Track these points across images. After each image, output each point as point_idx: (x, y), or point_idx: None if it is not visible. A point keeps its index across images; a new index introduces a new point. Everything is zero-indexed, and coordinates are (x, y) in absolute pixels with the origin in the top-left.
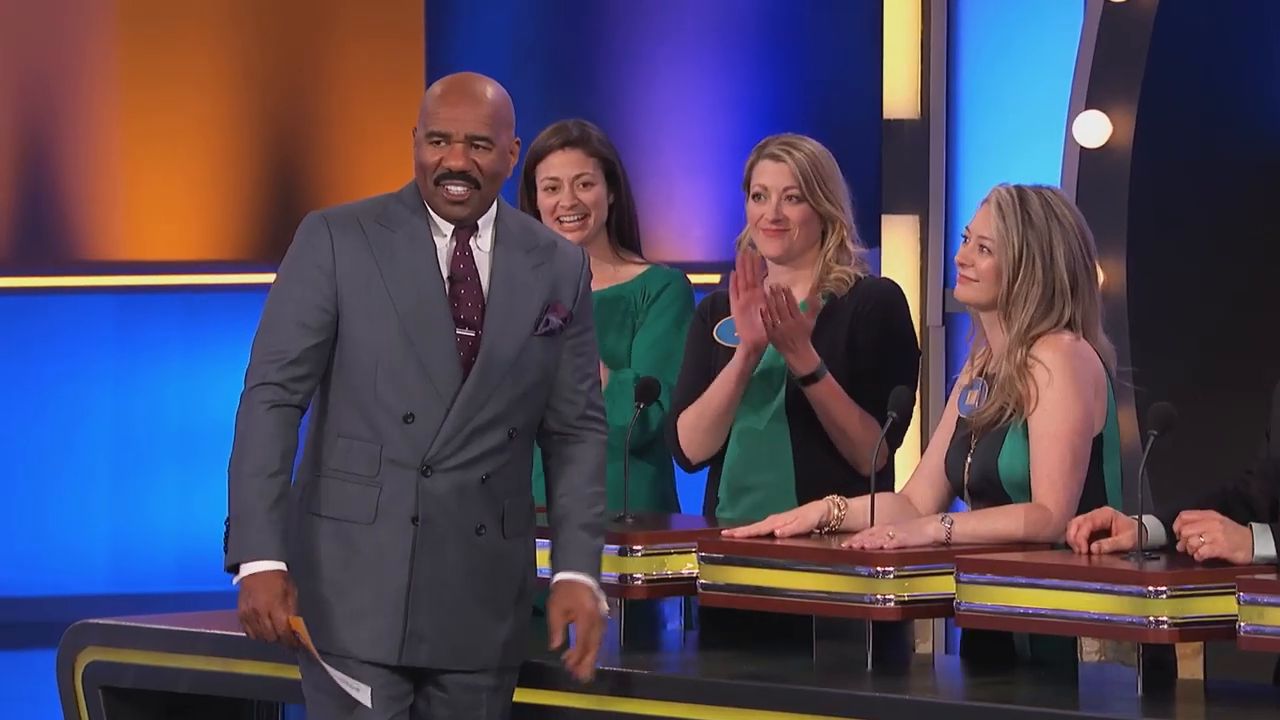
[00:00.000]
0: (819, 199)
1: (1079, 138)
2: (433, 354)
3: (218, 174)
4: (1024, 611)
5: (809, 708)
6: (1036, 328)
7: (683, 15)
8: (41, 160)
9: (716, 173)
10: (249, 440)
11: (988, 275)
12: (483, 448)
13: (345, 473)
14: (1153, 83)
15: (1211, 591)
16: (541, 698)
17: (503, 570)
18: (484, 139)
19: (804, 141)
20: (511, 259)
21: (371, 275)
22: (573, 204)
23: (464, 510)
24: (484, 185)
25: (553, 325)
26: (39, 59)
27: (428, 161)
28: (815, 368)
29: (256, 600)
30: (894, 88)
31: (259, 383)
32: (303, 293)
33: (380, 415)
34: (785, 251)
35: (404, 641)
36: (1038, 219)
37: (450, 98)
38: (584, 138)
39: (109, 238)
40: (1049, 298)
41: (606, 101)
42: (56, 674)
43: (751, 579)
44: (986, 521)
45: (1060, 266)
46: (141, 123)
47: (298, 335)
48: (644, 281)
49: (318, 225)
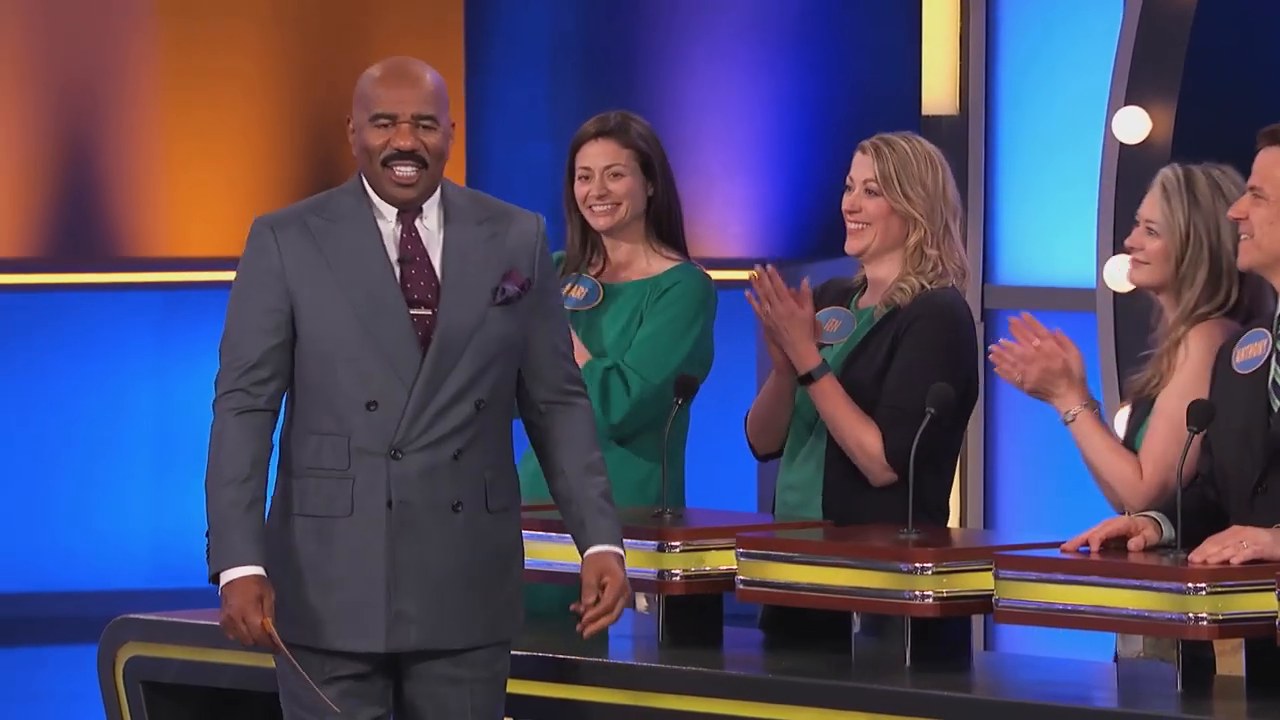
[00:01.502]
0: (897, 196)
1: (1118, 134)
2: (389, 338)
3: (258, 172)
4: (1063, 608)
5: (848, 703)
6: (1202, 307)
7: (721, 12)
8: (84, 159)
9: (755, 169)
10: (219, 450)
11: (1156, 257)
12: (450, 425)
13: (319, 469)
14: (1192, 78)
15: (1251, 588)
16: (580, 694)
17: (486, 545)
18: (429, 118)
19: (904, 141)
20: (463, 233)
21: (319, 269)
22: (601, 193)
23: (438, 489)
24: (431, 164)
25: (509, 293)
26: (82, 60)
27: (373, 144)
28: (813, 366)
29: (232, 606)
30: (933, 84)
31: (224, 392)
32: (256, 298)
33: (344, 406)
34: (864, 248)
35: (389, 627)
36: (1203, 199)
37: (392, 80)
38: (620, 129)
39: (151, 235)
40: (1215, 278)
41: (644, 99)
42: (98, 669)
43: (790, 575)
44: (1107, 453)
45: (1227, 247)
46: (182, 122)
47: (256, 339)
48: (662, 278)
49: (262, 230)
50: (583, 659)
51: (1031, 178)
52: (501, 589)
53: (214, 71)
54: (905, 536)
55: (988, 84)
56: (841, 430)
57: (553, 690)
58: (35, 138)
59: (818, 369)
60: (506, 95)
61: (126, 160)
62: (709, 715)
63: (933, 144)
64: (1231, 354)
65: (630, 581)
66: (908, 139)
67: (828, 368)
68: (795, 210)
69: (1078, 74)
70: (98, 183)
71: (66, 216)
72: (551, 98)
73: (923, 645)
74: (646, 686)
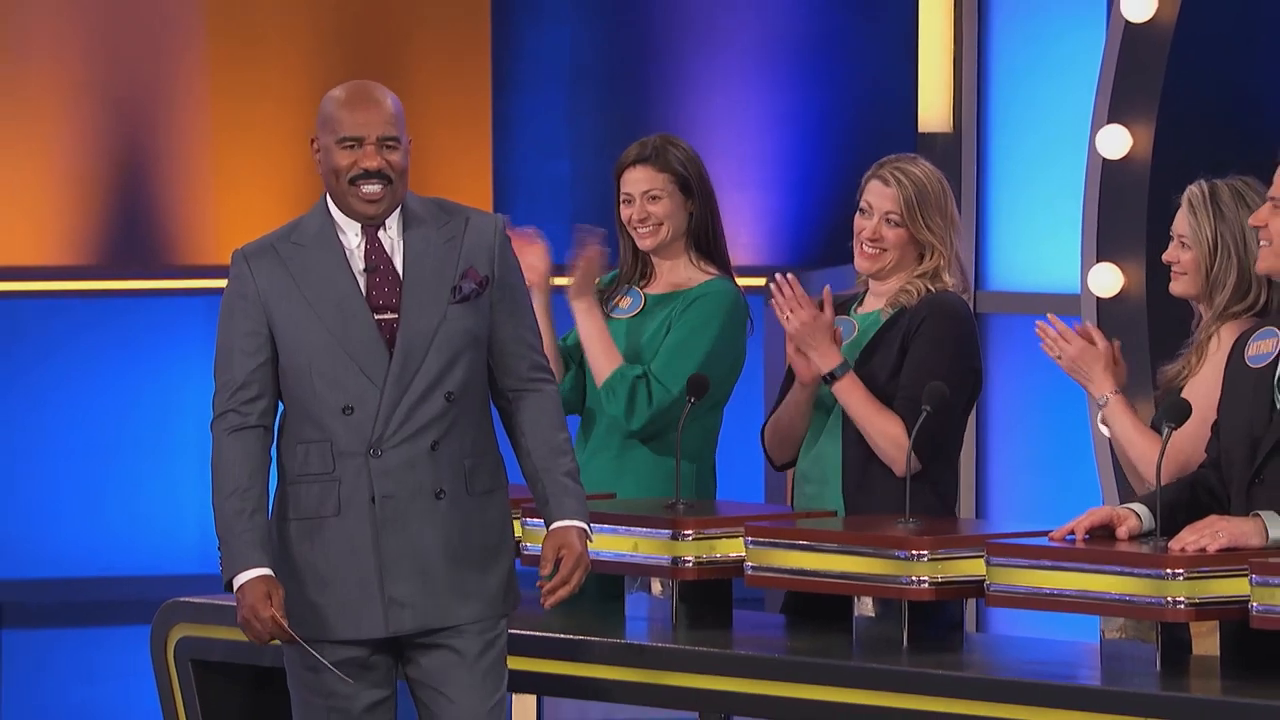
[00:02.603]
0: (919, 226)
1: (1101, 150)
2: (358, 345)
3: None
4: (1050, 592)
5: (849, 681)
6: (1233, 308)
7: (731, 37)
8: (138, 173)
9: (762, 182)
10: (217, 469)
11: (1190, 268)
12: (424, 419)
13: (308, 475)
14: (1171, 98)
15: (1225, 574)
16: (599, 672)
17: (474, 526)
18: (392, 139)
19: (917, 166)
20: (422, 237)
21: (290, 290)
22: (643, 216)
23: (419, 479)
24: (395, 181)
25: (466, 291)
26: (137, 80)
27: (340, 165)
28: (836, 365)
29: (244, 607)
30: (928, 103)
31: (218, 414)
32: (237, 323)
33: (323, 413)
34: (877, 270)
35: (386, 613)
36: (1228, 210)
37: (356, 104)
38: (656, 155)
39: (199, 244)
40: (1244, 282)
41: (659, 117)
42: (150, 649)
43: (795, 562)
44: (1136, 435)
45: (1254, 252)
46: (230, 138)
47: (240, 361)
48: (694, 290)
49: (238, 260)
50: (601, 640)
51: (1020, 191)
52: (495, 567)
53: (260, 90)
54: (903, 525)
55: (979, 103)
56: (866, 424)
57: (573, 669)
58: (93, 153)
59: (840, 367)
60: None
61: (178, 174)
62: (719, 693)
63: (927, 159)
64: (1245, 347)
65: (646, 567)
66: (917, 163)
67: (849, 366)
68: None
69: (1063, 94)
70: (151, 195)
71: (121, 227)
72: (572, 116)
73: (919, 627)
74: (661, 666)
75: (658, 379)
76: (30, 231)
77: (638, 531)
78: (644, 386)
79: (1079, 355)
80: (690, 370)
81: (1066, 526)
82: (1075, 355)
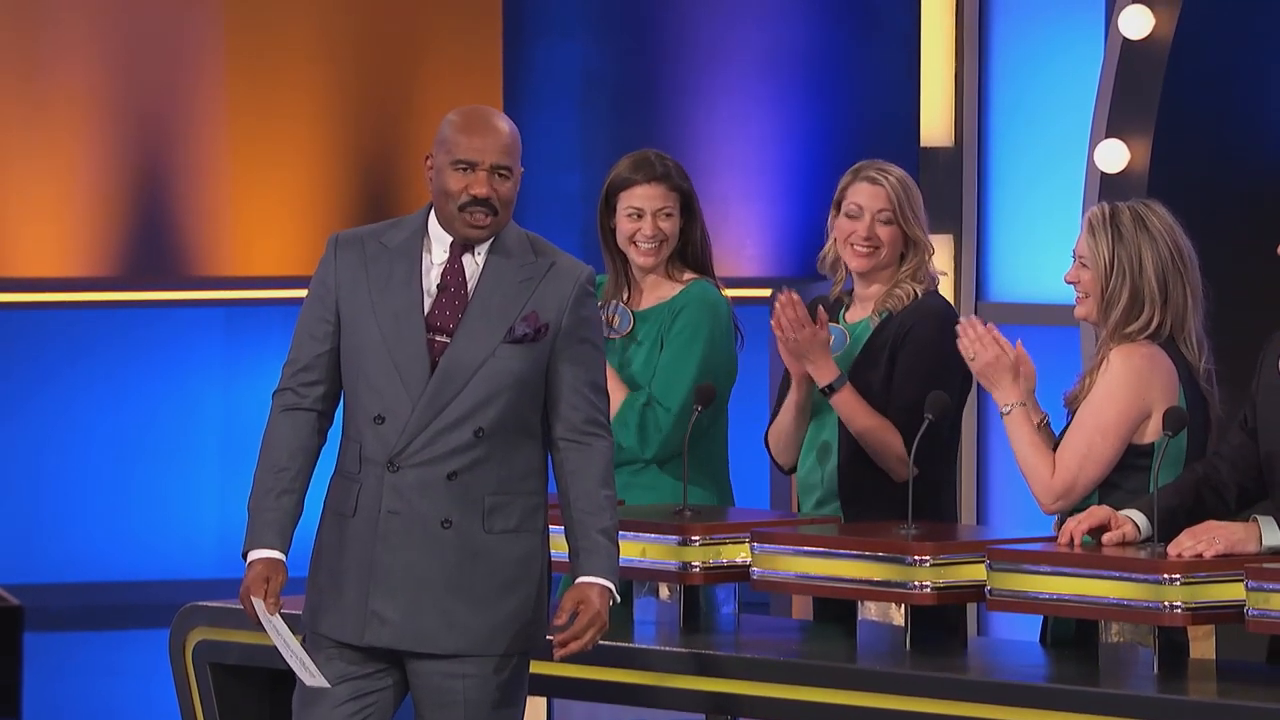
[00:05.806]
0: (909, 222)
1: (1100, 164)
2: (404, 358)
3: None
4: (1049, 597)
5: (853, 684)
6: (1126, 328)
7: (737, 52)
8: (158, 187)
9: (767, 195)
10: (265, 442)
11: (1090, 288)
12: (448, 446)
13: (344, 471)
14: (1167, 113)
15: (1222, 579)
16: (609, 675)
17: (483, 563)
18: (505, 168)
19: (894, 167)
20: (502, 271)
21: (360, 287)
22: (653, 233)
23: (428, 504)
24: (501, 211)
25: (519, 333)
26: (156, 96)
27: (452, 188)
28: (834, 379)
29: (243, 583)
30: (930, 118)
31: (278, 389)
32: (312, 308)
33: (361, 417)
34: (871, 268)
35: (366, 624)
36: (1126, 232)
37: (475, 128)
38: (666, 173)
39: (217, 255)
40: (1139, 303)
41: (668, 130)
42: (169, 652)
43: (800, 567)
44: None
45: (1149, 274)
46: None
47: (308, 345)
48: (675, 300)
49: (329, 245)
50: (611, 644)
51: (1020, 204)
52: (502, 605)
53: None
54: (905, 531)
55: (980, 119)
56: (865, 435)
57: (582, 672)
58: (115, 168)
59: (838, 380)
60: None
61: (196, 187)
62: (725, 695)
63: (925, 172)
64: (1278, 357)
65: (653, 572)
66: (889, 165)
67: (846, 379)
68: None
69: (1062, 109)
70: (170, 208)
71: (141, 239)
72: (582, 130)
73: (921, 631)
74: (668, 669)
75: (660, 403)
76: (54, 244)
77: (646, 537)
78: (652, 415)
79: (992, 361)
80: (688, 386)
81: (1067, 526)
82: (989, 361)
